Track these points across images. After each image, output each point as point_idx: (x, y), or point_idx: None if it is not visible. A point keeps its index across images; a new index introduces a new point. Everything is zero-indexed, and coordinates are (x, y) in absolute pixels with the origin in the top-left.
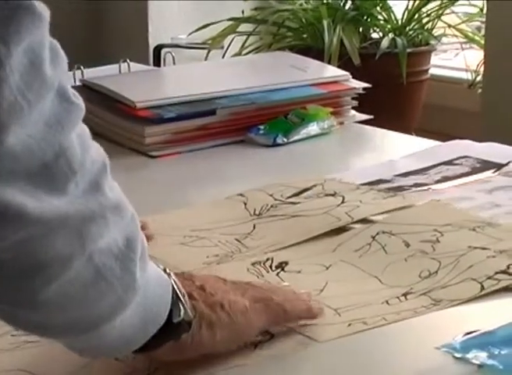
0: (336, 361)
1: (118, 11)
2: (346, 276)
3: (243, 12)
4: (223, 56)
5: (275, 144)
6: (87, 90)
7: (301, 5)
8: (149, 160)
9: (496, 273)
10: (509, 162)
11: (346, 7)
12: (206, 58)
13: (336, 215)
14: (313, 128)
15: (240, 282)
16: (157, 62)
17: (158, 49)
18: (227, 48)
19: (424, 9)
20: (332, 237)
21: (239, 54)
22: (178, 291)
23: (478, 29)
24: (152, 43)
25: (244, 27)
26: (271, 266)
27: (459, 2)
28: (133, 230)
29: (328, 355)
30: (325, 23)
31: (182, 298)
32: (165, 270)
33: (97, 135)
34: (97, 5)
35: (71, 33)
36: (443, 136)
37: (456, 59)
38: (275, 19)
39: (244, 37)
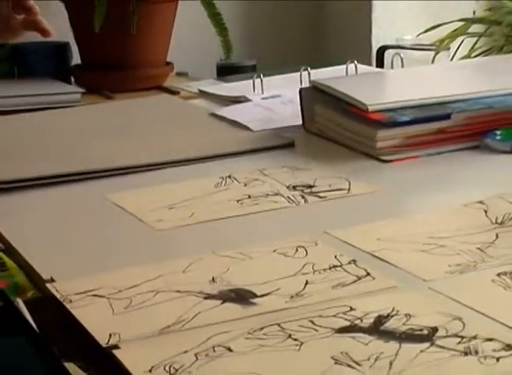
0: None
1: (342, 11)
2: None
3: (474, 12)
4: (451, 58)
5: None
6: (316, 91)
7: None
8: (380, 164)
9: None
10: None
11: None
12: (433, 61)
13: None
14: None
15: None
16: (380, 64)
17: (381, 50)
18: (456, 51)
19: None
20: None
21: (468, 56)
22: None
23: None
24: (375, 44)
25: (475, 29)
26: None
27: None
28: None
29: None
30: None
31: None
32: None
33: (324, 137)
34: (321, 6)
35: (297, 35)
36: None
37: None
38: (509, 21)
39: (474, 39)
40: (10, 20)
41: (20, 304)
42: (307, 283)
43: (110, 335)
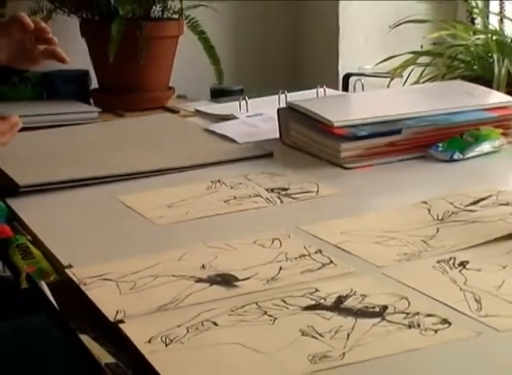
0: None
1: (313, 45)
2: None
3: (421, 46)
4: (403, 84)
5: (452, 160)
6: (291, 111)
7: (473, 41)
8: (343, 171)
9: None
10: None
11: None
12: (388, 86)
13: (510, 221)
14: (485, 146)
15: None
16: (345, 88)
17: (346, 77)
18: (407, 78)
19: None
20: (507, 240)
21: (417, 82)
22: None
23: None
24: (341, 72)
25: (422, 60)
26: (454, 264)
27: None
28: None
29: (504, 344)
30: (494, 56)
31: None
32: None
33: (298, 149)
34: (298, 43)
35: (276, 65)
36: None
37: None
38: (449, 53)
39: (422, 68)
40: (33, 51)
41: (44, 286)
42: (280, 269)
43: (117, 312)
